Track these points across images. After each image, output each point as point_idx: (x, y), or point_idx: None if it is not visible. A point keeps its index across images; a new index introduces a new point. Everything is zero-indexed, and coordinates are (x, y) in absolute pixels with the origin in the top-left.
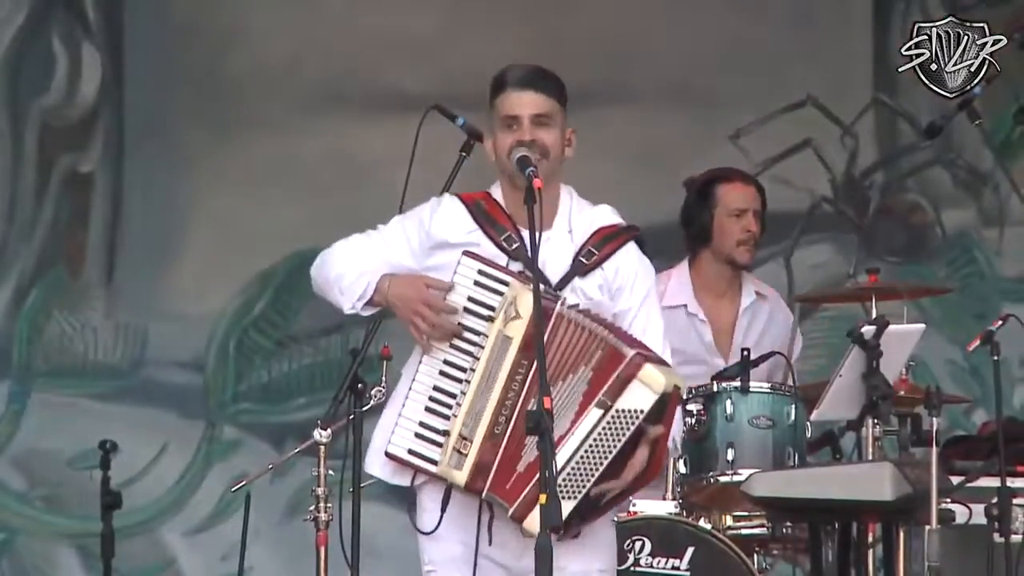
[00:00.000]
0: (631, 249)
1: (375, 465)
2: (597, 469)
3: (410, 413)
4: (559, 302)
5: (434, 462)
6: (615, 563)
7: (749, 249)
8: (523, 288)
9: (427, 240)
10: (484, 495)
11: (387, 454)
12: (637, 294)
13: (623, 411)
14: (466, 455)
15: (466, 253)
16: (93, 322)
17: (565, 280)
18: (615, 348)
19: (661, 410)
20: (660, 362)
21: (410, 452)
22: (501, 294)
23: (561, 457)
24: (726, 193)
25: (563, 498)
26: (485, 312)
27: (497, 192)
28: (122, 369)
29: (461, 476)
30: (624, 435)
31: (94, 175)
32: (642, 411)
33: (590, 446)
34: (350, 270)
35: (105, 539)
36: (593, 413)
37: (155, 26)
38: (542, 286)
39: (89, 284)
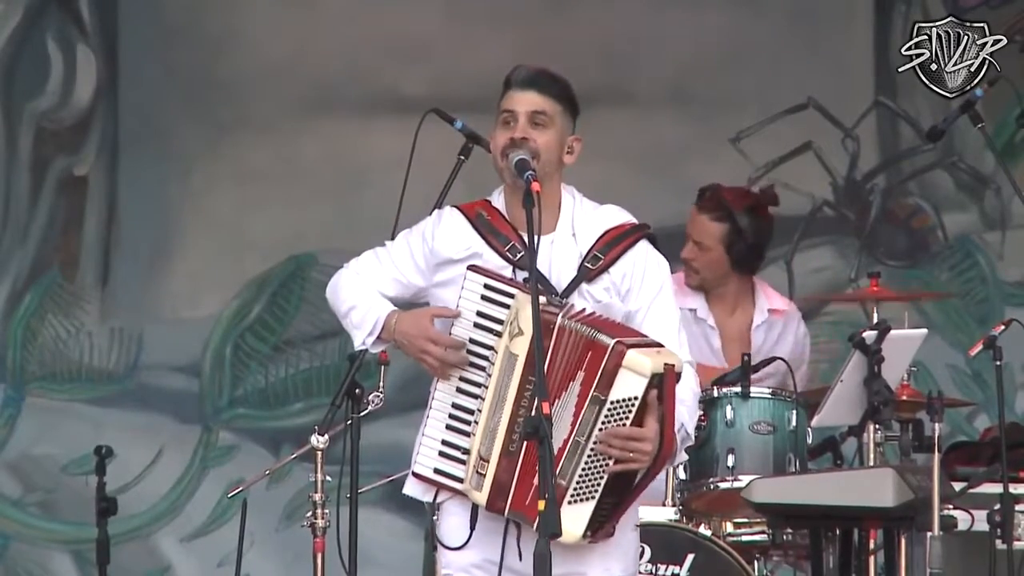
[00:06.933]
0: (640, 248)
1: (408, 484)
2: (607, 464)
3: (432, 432)
4: (561, 313)
5: (460, 480)
6: (636, 569)
7: (688, 271)
8: (526, 301)
9: (432, 257)
10: (507, 514)
11: (414, 474)
12: (646, 294)
13: (617, 402)
14: (484, 475)
15: (471, 267)
16: (88, 326)
17: (571, 287)
18: (598, 342)
19: (659, 393)
20: (650, 346)
21: (436, 471)
22: (507, 307)
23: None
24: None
25: (581, 500)
26: (495, 327)
27: (498, 199)
28: (117, 374)
29: (481, 497)
30: (625, 425)
31: (89, 178)
32: (636, 397)
33: (595, 443)
34: (360, 302)
35: (100, 545)
36: (589, 411)
37: (150, 28)
38: (547, 297)
39: (84, 288)
